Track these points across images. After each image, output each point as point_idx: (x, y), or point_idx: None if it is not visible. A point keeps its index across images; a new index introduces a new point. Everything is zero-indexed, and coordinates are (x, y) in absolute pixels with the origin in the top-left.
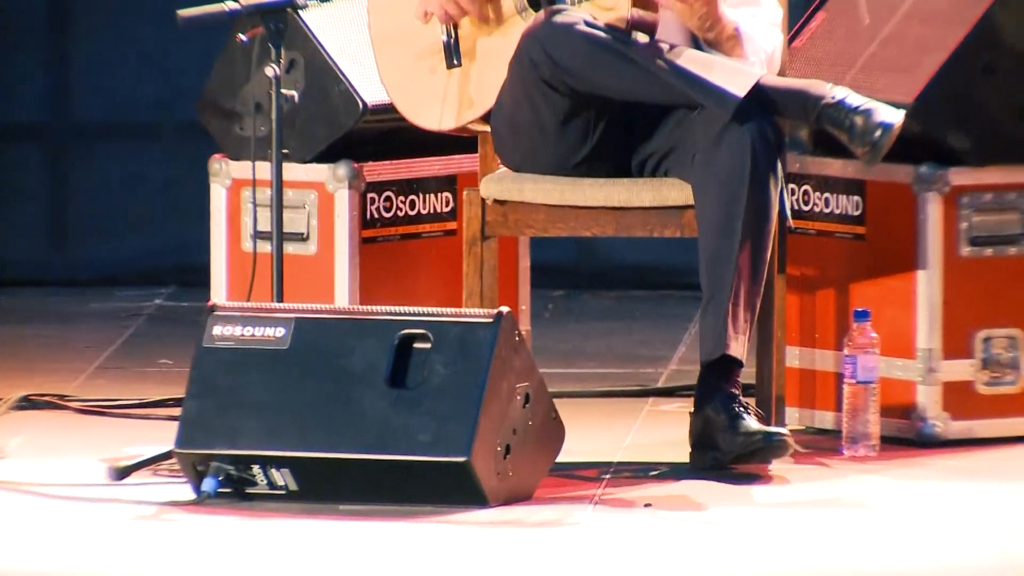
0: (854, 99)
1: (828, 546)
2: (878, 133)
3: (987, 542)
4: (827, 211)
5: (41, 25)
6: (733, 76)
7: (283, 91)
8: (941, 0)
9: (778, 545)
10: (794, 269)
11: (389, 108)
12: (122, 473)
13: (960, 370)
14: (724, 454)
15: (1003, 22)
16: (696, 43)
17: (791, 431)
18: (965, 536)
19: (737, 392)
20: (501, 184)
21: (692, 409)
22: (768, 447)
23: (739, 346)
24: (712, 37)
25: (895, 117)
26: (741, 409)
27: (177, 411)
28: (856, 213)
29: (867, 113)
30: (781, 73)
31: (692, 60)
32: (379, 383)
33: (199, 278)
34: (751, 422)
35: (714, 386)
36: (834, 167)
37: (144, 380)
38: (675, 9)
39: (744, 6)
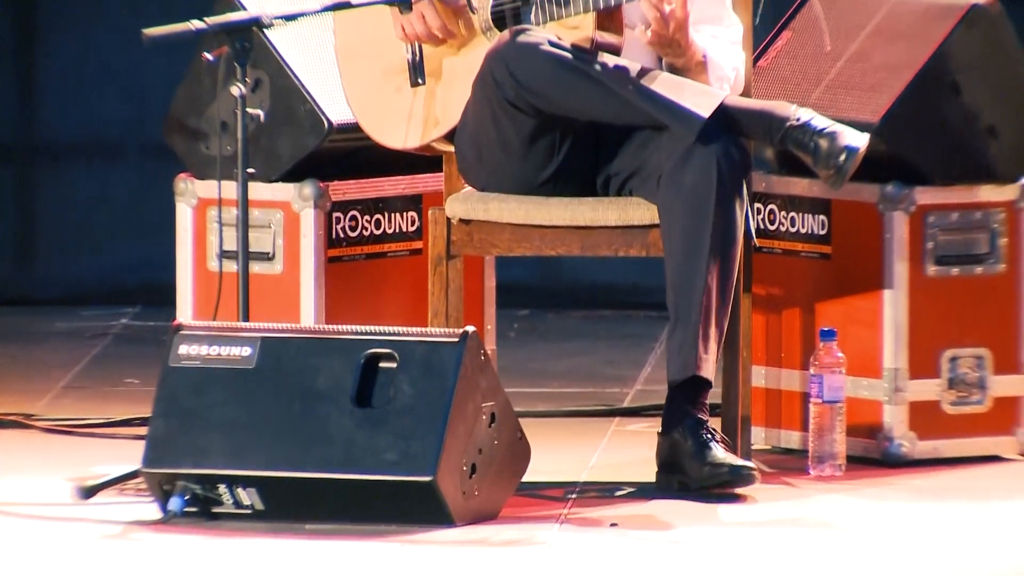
0: (819, 121)
1: (795, 566)
2: (843, 156)
3: (953, 562)
4: (793, 230)
5: (7, 43)
6: (698, 97)
7: (249, 110)
8: (907, 19)
9: (745, 565)
10: (760, 289)
11: (355, 127)
12: (89, 492)
13: (926, 390)
14: (691, 480)
15: (969, 41)
16: (660, 65)
17: (757, 451)
18: (931, 556)
19: (705, 417)
20: (466, 203)
21: (660, 429)
22: (734, 479)
23: (707, 367)
24: (681, 64)
25: (860, 140)
26: (709, 436)
27: (143, 430)
28: (822, 232)
29: (832, 136)
30: (746, 92)
31: (657, 81)
32: (345, 402)
33: (165, 297)
34: (718, 451)
35: (682, 409)
36: (800, 186)
37: (110, 399)
38: (651, 38)
39: (704, 24)
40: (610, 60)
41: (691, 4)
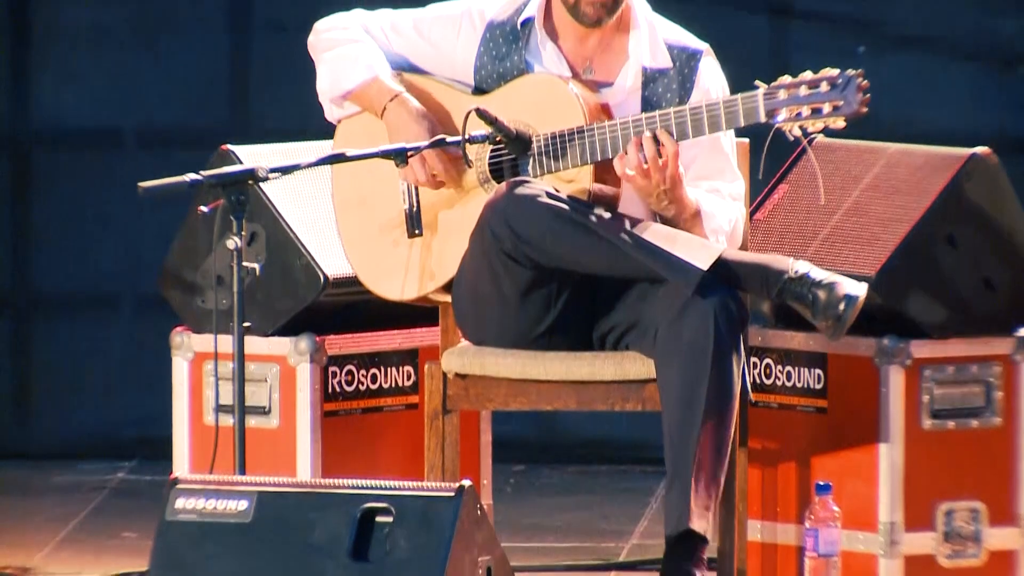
0: (817, 273)
1: None
2: (842, 307)
3: None
4: (789, 384)
5: (3, 194)
6: (696, 250)
7: (245, 264)
8: (904, 171)
9: None
10: (756, 442)
11: (351, 281)
12: None
13: (922, 543)
14: None
15: (966, 192)
16: (656, 216)
17: None
18: None
19: (702, 573)
20: (462, 358)
21: None
22: None
23: (704, 522)
24: (672, 214)
25: (859, 290)
26: None
27: None
28: (818, 386)
29: (830, 286)
30: (743, 246)
31: (655, 233)
32: (342, 556)
33: (162, 451)
34: None
35: (680, 565)
36: (796, 340)
37: (108, 553)
38: (636, 186)
39: (704, 180)
40: (607, 212)
41: (693, 160)
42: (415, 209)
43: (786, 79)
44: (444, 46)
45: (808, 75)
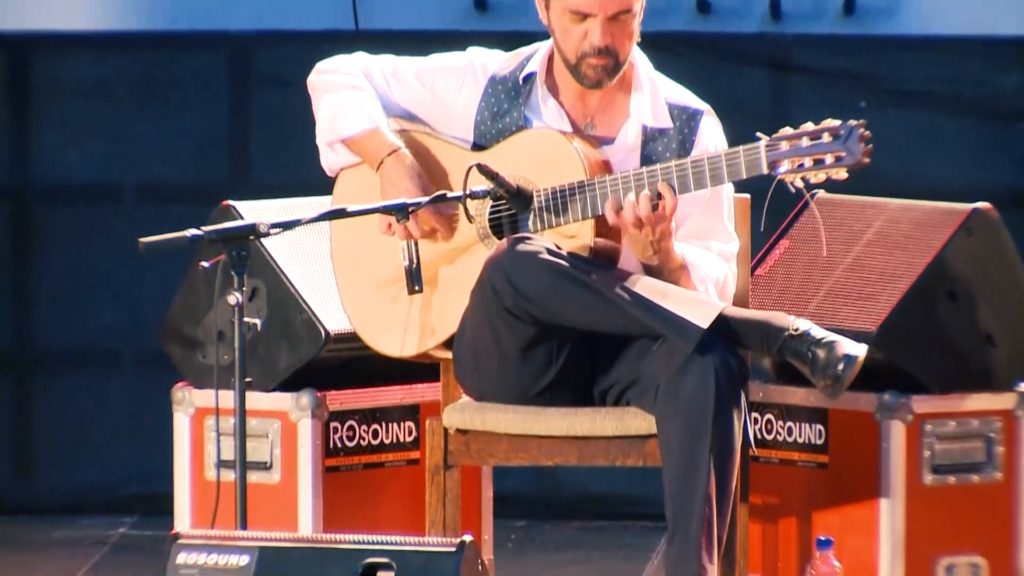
0: (817, 332)
1: None
2: (841, 366)
3: None
4: (790, 440)
5: (3, 252)
6: (696, 307)
7: (246, 319)
8: (905, 227)
9: None
10: (756, 497)
11: (352, 336)
12: None
13: None
14: None
15: (968, 248)
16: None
17: None
18: None
19: None
20: (463, 413)
21: None
22: None
23: None
24: (657, 264)
25: (858, 350)
26: None
27: None
28: (819, 442)
29: (830, 346)
30: (743, 302)
31: (655, 290)
32: None
33: (163, 506)
34: None
35: None
36: (797, 396)
37: None
38: (628, 235)
39: (696, 238)
40: (608, 269)
41: (687, 217)
42: (415, 265)
43: (788, 130)
44: (445, 97)
45: (810, 126)
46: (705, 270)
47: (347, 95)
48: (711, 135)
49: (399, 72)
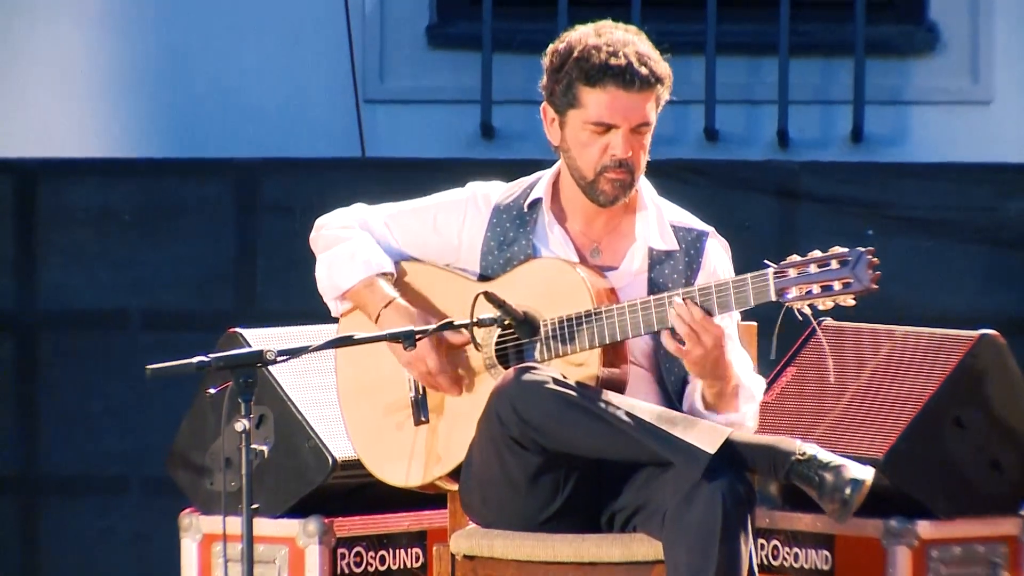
0: (824, 455)
1: None
2: (848, 490)
3: None
4: (796, 565)
5: (10, 377)
6: (703, 433)
7: (253, 446)
8: (912, 354)
9: None
10: None
11: (359, 463)
12: None
13: None
14: None
15: (974, 375)
16: (667, 399)
17: None
18: None
19: None
20: (471, 540)
21: None
22: None
23: None
24: (716, 390)
25: (865, 474)
26: None
27: None
28: (826, 567)
29: (837, 470)
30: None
31: (661, 417)
32: None
33: None
34: None
35: None
36: (804, 521)
37: None
38: (690, 358)
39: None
40: (615, 397)
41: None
42: (421, 396)
43: (795, 258)
44: (448, 233)
45: (817, 253)
46: (752, 391)
47: (339, 248)
48: (717, 256)
49: (397, 217)
